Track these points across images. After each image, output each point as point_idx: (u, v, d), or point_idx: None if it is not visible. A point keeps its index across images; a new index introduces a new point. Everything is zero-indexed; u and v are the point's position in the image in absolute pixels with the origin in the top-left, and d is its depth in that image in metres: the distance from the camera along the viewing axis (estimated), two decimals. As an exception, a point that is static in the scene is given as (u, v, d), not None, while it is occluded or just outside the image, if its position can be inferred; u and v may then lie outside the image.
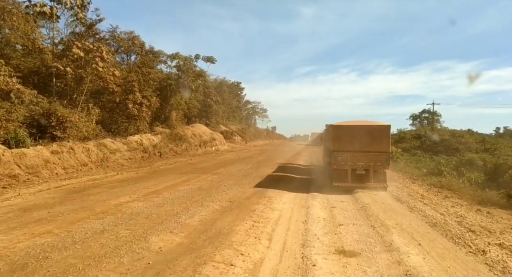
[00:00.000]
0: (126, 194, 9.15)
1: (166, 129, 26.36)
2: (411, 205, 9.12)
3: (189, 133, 27.81)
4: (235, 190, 10.14)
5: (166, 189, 9.97)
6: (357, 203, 9.09)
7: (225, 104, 54.24)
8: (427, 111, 62.81)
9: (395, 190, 11.60)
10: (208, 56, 49.50)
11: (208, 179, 12.28)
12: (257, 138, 54.44)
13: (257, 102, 77.97)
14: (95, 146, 16.78)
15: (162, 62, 28.92)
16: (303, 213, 7.75)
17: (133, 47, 28.94)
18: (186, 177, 12.82)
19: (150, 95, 23.96)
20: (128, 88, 22.85)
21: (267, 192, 10.07)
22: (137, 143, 20.58)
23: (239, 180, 12.40)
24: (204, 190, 10.05)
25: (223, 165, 17.84)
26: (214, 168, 15.97)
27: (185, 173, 13.87)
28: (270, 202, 8.69)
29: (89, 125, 19.54)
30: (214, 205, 8.03)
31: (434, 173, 16.49)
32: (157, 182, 11.45)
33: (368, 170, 10.59)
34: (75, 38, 19.88)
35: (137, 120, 23.47)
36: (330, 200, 9.38)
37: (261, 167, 17.37)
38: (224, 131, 38.81)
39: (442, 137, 29.47)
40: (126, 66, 26.62)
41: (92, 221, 6.37)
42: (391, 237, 6.04)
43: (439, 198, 10.47)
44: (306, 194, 10.23)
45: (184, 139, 26.09)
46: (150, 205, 7.83)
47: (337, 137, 11.02)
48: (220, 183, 11.52)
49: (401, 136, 36.68)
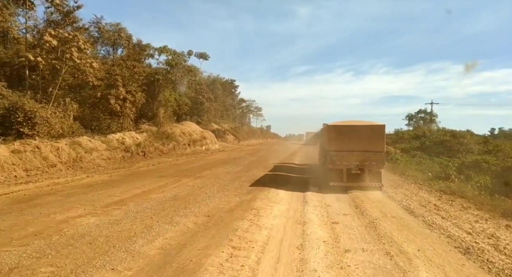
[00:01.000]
0: (83, 204, 7.43)
1: (153, 127, 24.58)
2: (428, 219, 7.53)
3: (177, 131, 26.04)
4: (218, 199, 8.47)
5: (135, 198, 8.26)
6: (364, 217, 7.47)
7: (218, 102, 52.48)
8: (423, 111, 61.71)
9: (404, 198, 10.02)
10: (201, 52, 47.63)
11: (189, 184, 10.57)
12: (251, 137, 52.71)
13: (251, 101, 76.11)
14: (68, 144, 14.98)
15: (149, 55, 27.06)
16: (298, 233, 6.10)
17: (120, 40, 27.08)
18: (164, 181, 11.11)
19: (135, 90, 22.15)
20: (111, 83, 21.04)
21: (255, 201, 8.41)
22: (118, 141, 18.79)
23: (225, 185, 10.72)
24: (180, 199, 8.36)
25: (210, 166, 16.14)
26: (200, 170, 14.27)
27: (165, 176, 12.16)
28: (257, 216, 7.02)
29: (65, 122, 17.74)
30: (187, 221, 6.34)
31: (440, 177, 14.96)
32: (128, 187, 9.73)
33: (363, 170, 10.49)
34: (50, 26, 18.01)
35: (121, 117, 21.68)
36: (330, 213, 7.76)
37: (252, 169, 15.71)
38: (216, 129, 37.07)
39: (443, 138, 28.04)
40: (111, 59, 24.71)
41: (10, 250, 4.65)
42: (418, 275, 4.43)
43: (456, 210, 8.90)
44: (302, 203, 8.60)
45: (172, 138, 24.32)
46: (105, 221, 6.12)
47: (332, 136, 10.90)
48: (201, 189, 9.83)
49: (399, 136, 35.28)
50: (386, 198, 10.04)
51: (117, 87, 20.91)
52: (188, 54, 46.52)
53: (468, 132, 33.79)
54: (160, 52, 27.14)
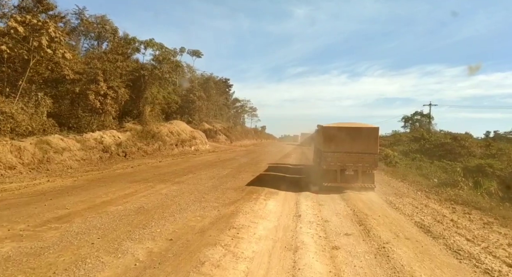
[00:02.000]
0: (13, 221, 5.75)
1: (138, 125, 22.87)
2: (451, 243, 5.99)
3: (164, 130, 24.34)
4: (191, 213, 6.85)
5: (87, 212, 6.61)
6: (370, 239, 5.91)
7: (211, 101, 50.82)
8: (419, 113, 60.78)
9: (414, 211, 8.49)
10: (194, 50, 46.08)
11: (162, 192, 8.94)
12: (244, 137, 51.04)
13: (246, 101, 74.37)
14: (34, 143, 13.25)
15: (134, 49, 25.31)
16: (287, 266, 4.52)
17: (104, 33, 25.34)
18: (135, 187, 9.46)
19: (117, 86, 20.42)
20: (91, 77, 19.31)
21: (236, 217, 6.82)
22: (96, 141, 17.06)
23: (205, 193, 9.10)
24: (144, 213, 6.73)
25: (195, 169, 14.50)
26: (181, 174, 12.63)
27: (138, 182, 10.50)
28: (236, 239, 5.43)
29: (36, 119, 15.98)
30: (139, 249, 4.71)
31: (447, 184, 13.48)
32: (88, 196, 8.07)
33: (357, 171, 10.61)
34: (21, 13, 16.25)
35: (101, 114, 19.94)
36: (328, 232, 6.19)
37: (241, 172, 14.11)
38: (208, 129, 35.38)
39: (443, 140, 26.67)
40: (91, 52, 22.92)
41: None
42: None
43: (478, 227, 7.39)
44: (294, 218, 7.03)
45: (158, 137, 22.62)
46: (23, 251, 4.45)
47: (327, 138, 10.96)
48: (175, 199, 8.20)
49: (397, 138, 33.92)
50: (393, 211, 8.50)
51: (97, 82, 19.18)
52: (180, 51, 44.93)
53: (467, 135, 32.57)
54: (146, 46, 25.43)
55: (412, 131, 42.12)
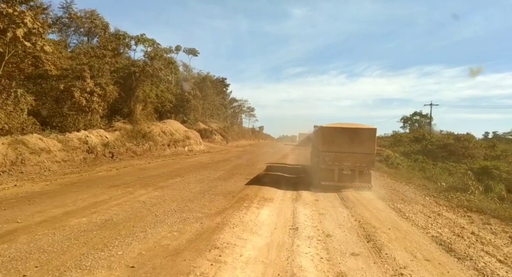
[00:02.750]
0: None
1: (128, 124, 21.70)
2: (481, 266, 4.88)
3: (156, 130, 23.17)
4: (166, 228, 5.70)
5: (40, 226, 5.45)
6: (383, 262, 4.78)
7: (208, 101, 49.71)
8: (418, 114, 59.97)
9: (427, 222, 7.39)
10: (190, 48, 44.98)
11: (140, 200, 7.78)
12: (241, 137, 49.87)
13: (243, 100, 73.38)
14: (7, 144, 12.07)
15: (124, 45, 24.08)
16: (280, 306, 3.40)
17: (95, 28, 24.14)
18: (110, 194, 8.31)
19: (105, 83, 19.24)
20: (77, 74, 18.13)
21: (222, 231, 5.68)
22: (80, 141, 15.88)
23: (189, 201, 7.96)
24: (110, 227, 5.58)
25: (184, 172, 13.36)
26: (167, 177, 11.47)
27: (117, 186, 9.34)
28: (217, 264, 4.29)
29: (15, 117, 14.82)
30: (88, 281, 3.59)
31: (457, 188, 12.41)
32: (52, 205, 6.91)
33: (355, 171, 10.69)
34: (0, 3, 15.05)
35: (88, 112, 18.76)
36: (332, 252, 5.06)
37: (234, 175, 12.98)
38: (203, 129, 34.20)
39: (446, 141, 25.62)
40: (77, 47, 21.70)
41: None
42: None
43: (506, 242, 6.31)
44: (291, 231, 5.90)
45: (149, 137, 21.45)
46: None
47: (325, 138, 11.05)
48: (153, 208, 7.05)
49: (397, 139, 32.90)
50: (404, 221, 7.39)
51: (83, 79, 18.00)
52: (176, 49, 43.79)
53: (470, 135, 31.56)
54: (137, 42, 24.25)
55: (412, 132, 41.09)
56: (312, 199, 9.31)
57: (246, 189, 10.07)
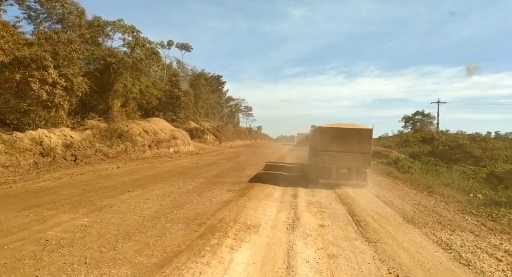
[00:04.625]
0: None
1: (104, 123, 18.81)
2: None
3: (137, 129, 20.26)
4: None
5: None
6: None
7: (202, 99, 46.83)
8: (420, 113, 57.30)
9: (494, 268, 4.51)
10: (182, 43, 42.01)
11: (46, 236, 4.83)
12: (237, 137, 46.90)
13: (240, 99, 70.33)
14: None
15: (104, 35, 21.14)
16: None
17: (69, 14, 21.17)
18: (12, 222, 5.40)
19: (72, 74, 16.31)
20: (37, 62, 15.20)
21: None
22: (33, 141, 12.98)
23: (125, 238, 5.02)
24: None
25: (151, 180, 10.44)
26: (122, 191, 8.50)
27: (36, 207, 6.39)
28: None
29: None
30: None
31: (497, 202, 9.55)
32: None
33: (351, 169, 10.83)
34: None
35: (52, 108, 15.84)
36: None
37: (214, 185, 10.09)
38: (194, 128, 31.28)
39: (460, 141, 22.73)
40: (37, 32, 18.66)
41: None
42: None
43: None
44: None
45: (127, 137, 18.54)
46: None
47: (323, 138, 11.20)
48: (46, 259, 4.14)
49: (404, 139, 30.05)
50: (469, 274, 4.49)
51: (45, 68, 15.08)
52: (168, 44, 40.90)
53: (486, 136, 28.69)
54: (114, 29, 21.28)
55: (418, 131, 38.18)
56: (315, 224, 6.43)
57: (224, 208, 7.16)
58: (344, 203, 8.82)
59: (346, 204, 8.62)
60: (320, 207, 8.12)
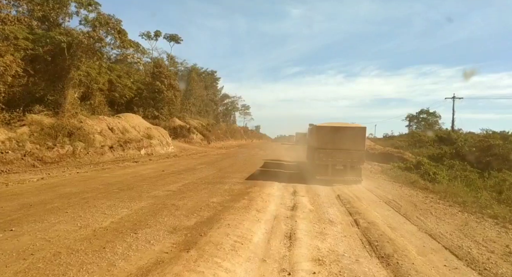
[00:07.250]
0: None
1: (51, 118, 14.56)
2: None
3: (98, 126, 16.02)
4: None
5: None
6: None
7: (194, 95, 42.57)
8: (425, 112, 53.37)
9: None
10: (171, 34, 37.65)
11: None
12: (230, 137, 42.61)
13: (237, 97, 65.83)
14: None
15: (66, 14, 16.87)
16: None
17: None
18: None
19: (0, 53, 12.06)
20: None
21: None
22: None
23: None
24: None
25: (58, 207, 6.19)
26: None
27: None
28: None
29: None
30: None
31: None
32: None
33: (346, 165, 10.92)
34: None
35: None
36: None
37: (159, 215, 5.85)
38: (178, 126, 27.02)
39: (492, 142, 18.49)
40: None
41: None
42: None
43: None
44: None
45: (80, 136, 14.31)
46: None
47: (320, 136, 11.43)
48: None
49: (416, 139, 25.84)
50: None
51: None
52: (155, 35, 36.70)
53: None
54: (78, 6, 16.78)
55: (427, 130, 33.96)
56: None
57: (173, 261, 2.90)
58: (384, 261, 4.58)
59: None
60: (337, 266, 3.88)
